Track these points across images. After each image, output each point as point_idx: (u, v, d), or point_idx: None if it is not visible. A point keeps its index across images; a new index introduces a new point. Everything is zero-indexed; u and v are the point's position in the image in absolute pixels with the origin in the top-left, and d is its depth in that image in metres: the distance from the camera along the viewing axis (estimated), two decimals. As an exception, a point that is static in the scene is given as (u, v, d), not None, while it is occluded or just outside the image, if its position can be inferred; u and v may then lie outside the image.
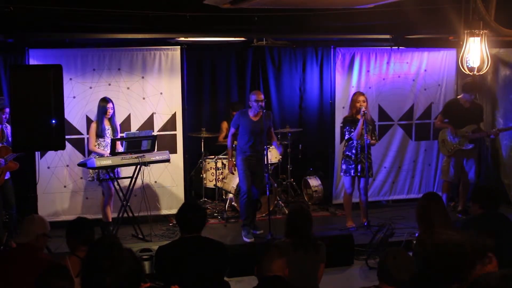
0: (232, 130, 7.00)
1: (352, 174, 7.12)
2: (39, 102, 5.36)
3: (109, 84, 7.43)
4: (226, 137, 8.31)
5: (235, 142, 7.07)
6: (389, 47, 8.10)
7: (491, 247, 3.27)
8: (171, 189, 7.72)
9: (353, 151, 7.07)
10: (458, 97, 7.73)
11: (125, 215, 6.90)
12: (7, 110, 6.48)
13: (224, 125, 8.54)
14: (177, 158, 7.68)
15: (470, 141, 7.54)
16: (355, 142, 7.04)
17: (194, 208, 4.15)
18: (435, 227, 4.28)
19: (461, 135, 7.54)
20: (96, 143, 6.90)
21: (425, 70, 8.41)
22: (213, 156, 8.22)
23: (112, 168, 6.69)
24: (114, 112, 6.99)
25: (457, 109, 7.59)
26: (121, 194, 6.85)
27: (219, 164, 8.14)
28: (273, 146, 7.98)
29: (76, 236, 3.98)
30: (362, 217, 7.28)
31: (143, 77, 7.55)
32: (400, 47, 8.11)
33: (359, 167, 7.05)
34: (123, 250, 2.57)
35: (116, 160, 6.57)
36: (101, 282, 2.39)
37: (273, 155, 8.01)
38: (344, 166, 7.18)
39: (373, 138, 7.16)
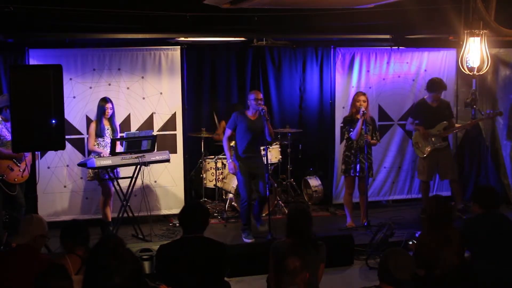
0: (229, 132, 6.83)
1: (351, 174, 7.12)
2: (39, 102, 5.37)
3: (109, 84, 7.43)
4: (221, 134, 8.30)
5: (233, 142, 7.04)
6: (389, 47, 8.11)
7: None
8: (171, 189, 7.72)
9: (353, 151, 7.07)
10: (425, 97, 7.69)
11: (125, 215, 6.90)
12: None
13: (222, 124, 8.53)
14: (177, 158, 7.67)
15: (443, 139, 7.53)
16: (354, 142, 7.04)
17: (196, 208, 4.16)
18: (437, 229, 4.30)
19: (433, 134, 7.52)
20: (95, 143, 6.90)
21: (425, 70, 8.41)
22: (213, 156, 8.21)
23: (112, 168, 6.69)
24: (113, 112, 6.99)
25: (425, 109, 7.55)
26: (121, 194, 6.85)
27: (219, 164, 8.13)
28: (273, 146, 8.01)
29: (73, 239, 3.98)
30: (362, 218, 7.28)
31: (143, 77, 7.54)
32: (400, 47, 8.11)
33: (358, 167, 7.05)
34: (127, 249, 2.57)
35: (116, 160, 6.57)
36: (108, 282, 2.38)
37: (273, 155, 8.01)
38: (343, 166, 7.19)
39: (374, 138, 7.16)
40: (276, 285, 3.38)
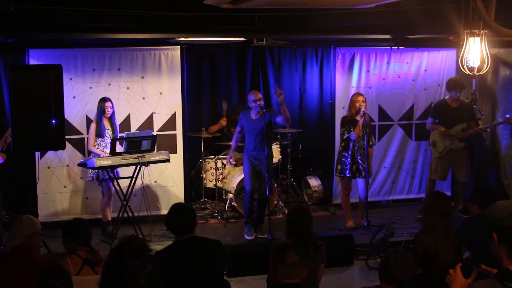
0: (238, 128, 7.11)
1: (347, 174, 7.12)
2: (39, 102, 5.36)
3: (109, 84, 7.43)
4: (218, 130, 8.48)
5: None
6: (389, 47, 8.10)
7: None
8: (171, 189, 7.71)
9: (350, 151, 7.07)
10: (446, 97, 7.72)
11: (125, 215, 6.90)
12: None
13: (223, 121, 8.57)
14: (177, 158, 7.67)
15: (460, 140, 7.54)
16: (352, 143, 7.03)
17: (181, 211, 4.09)
18: (435, 225, 4.32)
19: (452, 135, 7.53)
20: (95, 143, 6.90)
21: (425, 70, 8.41)
22: (213, 156, 8.21)
23: (112, 168, 6.69)
24: (113, 111, 6.99)
25: (445, 109, 7.58)
26: (121, 194, 6.85)
27: (219, 164, 8.14)
28: (273, 146, 8.00)
29: (75, 237, 3.97)
30: (361, 218, 7.27)
31: (143, 77, 7.54)
32: (400, 47, 8.10)
33: (354, 167, 7.05)
34: (148, 249, 2.54)
35: (116, 160, 6.57)
36: (134, 283, 2.34)
37: (273, 155, 8.00)
38: (339, 167, 7.17)
39: (370, 142, 7.16)
40: (273, 276, 3.42)
